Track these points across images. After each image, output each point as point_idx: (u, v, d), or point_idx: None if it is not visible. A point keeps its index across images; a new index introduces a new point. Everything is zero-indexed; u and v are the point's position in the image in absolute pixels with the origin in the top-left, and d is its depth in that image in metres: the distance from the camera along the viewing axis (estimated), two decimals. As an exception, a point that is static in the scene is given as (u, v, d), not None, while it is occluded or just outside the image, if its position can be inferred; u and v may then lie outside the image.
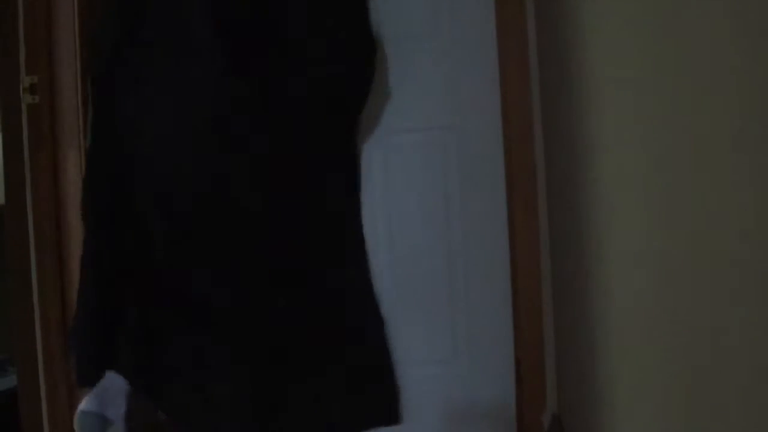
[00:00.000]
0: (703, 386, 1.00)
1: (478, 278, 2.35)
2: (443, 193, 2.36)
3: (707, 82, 0.94)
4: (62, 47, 2.00)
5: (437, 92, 2.35)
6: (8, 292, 1.97)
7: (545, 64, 2.18)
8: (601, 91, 1.48)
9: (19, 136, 1.94)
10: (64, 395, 2.00)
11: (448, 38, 2.35)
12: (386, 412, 1.54)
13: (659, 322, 1.17)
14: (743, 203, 0.85)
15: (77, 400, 2.02)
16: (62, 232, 2.01)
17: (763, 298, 0.81)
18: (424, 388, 2.36)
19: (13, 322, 1.97)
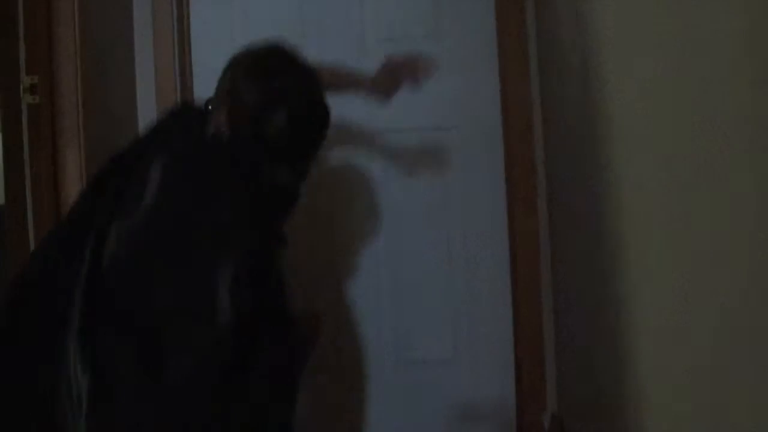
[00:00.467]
0: (703, 385, 1.00)
1: (478, 278, 2.35)
2: (443, 192, 2.36)
3: (710, 79, 0.94)
4: (62, 47, 1.99)
5: (437, 92, 2.35)
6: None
7: (545, 64, 2.18)
8: (601, 90, 1.48)
9: (19, 136, 1.93)
10: (64, 395, 2.00)
11: (448, 38, 2.35)
12: None
13: (659, 321, 1.17)
14: (743, 204, 0.85)
15: (77, 400, 2.02)
16: (62, 232, 2.00)
17: (763, 297, 0.81)
18: (424, 388, 2.36)
19: (13, 322, 1.96)
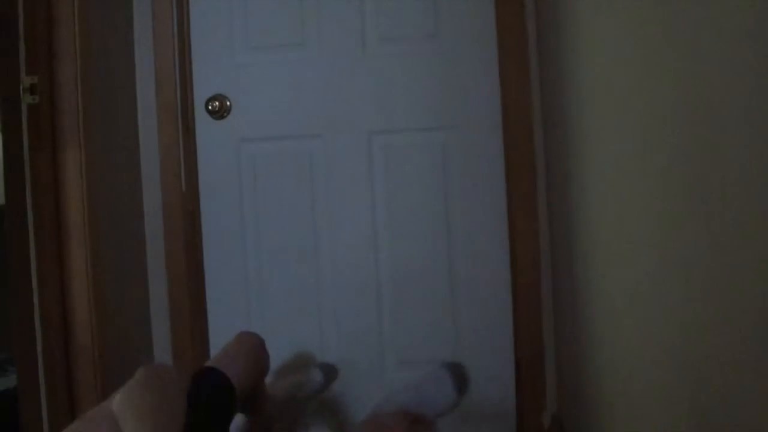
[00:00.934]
0: (702, 384, 1.00)
1: (478, 278, 2.35)
2: (443, 193, 2.36)
3: (710, 80, 0.94)
4: (62, 47, 2.00)
5: (437, 92, 2.35)
6: (8, 292, 1.97)
7: (545, 64, 2.18)
8: (601, 90, 1.48)
9: (18, 136, 1.94)
10: (64, 395, 2.00)
11: (448, 38, 2.35)
12: None
13: (659, 321, 1.17)
14: (745, 204, 0.85)
15: (77, 400, 2.02)
16: (62, 232, 2.01)
17: (760, 297, 0.81)
18: (424, 388, 2.37)
19: (13, 322, 1.97)
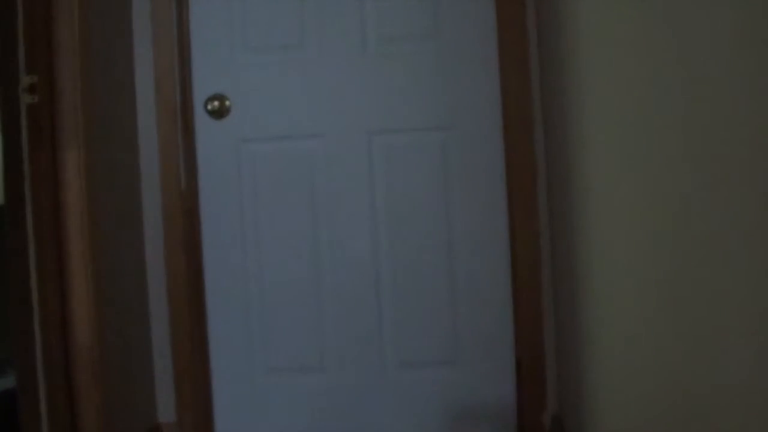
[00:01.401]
0: (701, 384, 1.00)
1: (478, 278, 2.35)
2: (443, 193, 2.36)
3: (709, 81, 0.94)
4: (62, 47, 1.99)
5: (437, 92, 2.35)
6: (8, 292, 1.97)
7: (545, 63, 2.18)
8: (602, 90, 1.48)
9: (18, 136, 1.93)
10: (63, 395, 2.00)
11: (448, 38, 2.35)
12: None
13: (658, 321, 1.16)
14: (743, 207, 0.85)
15: (77, 400, 2.02)
16: (62, 232, 2.00)
17: (756, 297, 0.81)
18: (424, 389, 2.36)
19: (12, 322, 1.96)
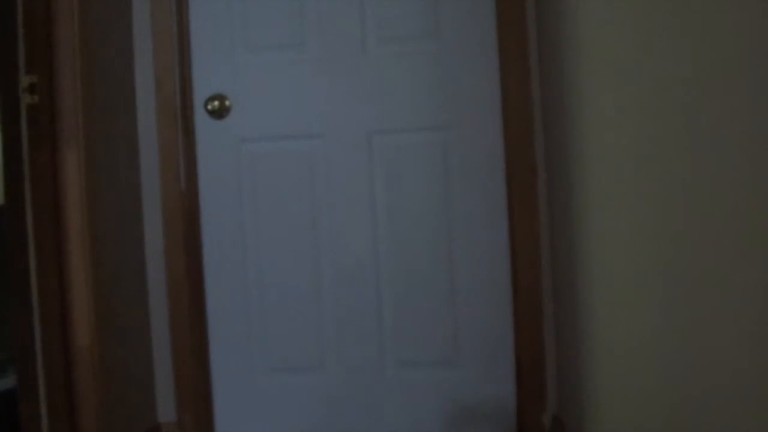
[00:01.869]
0: (701, 384, 1.00)
1: (478, 278, 2.35)
2: (443, 192, 2.36)
3: (710, 80, 0.94)
4: (62, 47, 1.99)
5: (437, 92, 2.35)
6: (8, 292, 1.97)
7: (545, 63, 2.18)
8: (602, 90, 1.48)
9: (18, 136, 1.93)
10: (63, 395, 2.00)
11: (448, 38, 2.35)
12: None
13: (658, 321, 1.17)
14: (744, 208, 0.85)
15: (77, 400, 2.02)
16: (62, 232, 2.00)
17: (753, 298, 0.81)
18: (424, 389, 2.36)
19: (12, 322, 1.96)
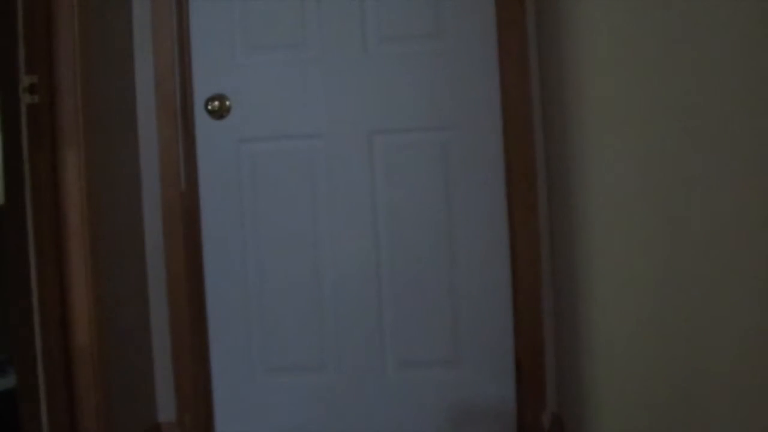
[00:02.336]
0: (701, 384, 1.00)
1: (478, 278, 2.35)
2: (443, 192, 2.36)
3: (713, 81, 0.94)
4: (62, 47, 1.99)
5: (437, 92, 2.35)
6: (8, 292, 1.97)
7: (545, 64, 2.18)
8: (602, 89, 1.48)
9: (18, 136, 1.93)
10: (63, 395, 2.00)
11: (448, 38, 2.35)
12: None
13: (658, 321, 1.17)
14: (745, 208, 0.85)
15: (77, 400, 2.02)
16: (62, 232, 2.01)
17: (753, 298, 0.81)
18: (424, 389, 2.37)
19: (12, 322, 1.97)
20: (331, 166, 2.39)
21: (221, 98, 2.39)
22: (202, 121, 2.41)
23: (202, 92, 2.41)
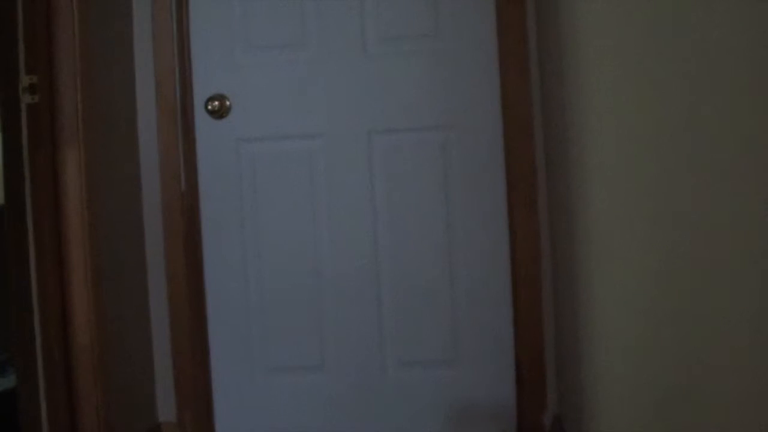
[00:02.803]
0: (702, 383, 1.00)
1: (478, 278, 2.35)
2: (443, 192, 2.36)
3: (711, 80, 0.94)
4: (62, 47, 1.99)
5: (437, 92, 2.35)
6: (8, 292, 1.97)
7: (545, 64, 2.18)
8: (602, 89, 1.48)
9: (18, 135, 1.93)
10: (63, 395, 2.00)
11: (448, 38, 2.35)
12: None
13: (659, 321, 1.17)
14: (743, 207, 0.85)
15: (77, 400, 2.02)
16: (62, 232, 2.01)
17: (753, 297, 0.81)
18: (424, 388, 2.36)
19: (12, 322, 1.96)
20: (330, 165, 2.39)
21: (221, 98, 2.39)
22: (202, 121, 2.41)
23: (202, 92, 2.41)
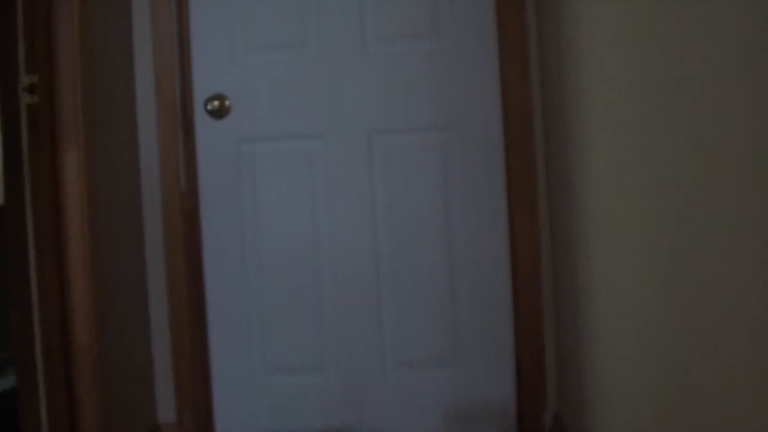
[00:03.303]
0: (703, 383, 1.00)
1: (478, 278, 2.35)
2: (443, 192, 2.36)
3: (714, 80, 0.94)
4: (62, 47, 1.99)
5: (437, 92, 2.35)
6: (8, 292, 1.97)
7: (545, 63, 2.18)
8: (602, 89, 1.48)
9: (18, 136, 1.93)
10: (63, 395, 2.00)
11: (448, 38, 2.35)
12: None
13: (659, 321, 1.17)
14: (745, 208, 0.85)
15: (77, 400, 2.02)
16: (62, 232, 2.01)
17: (753, 297, 0.81)
18: (425, 389, 2.37)
19: (12, 322, 1.97)
20: (330, 165, 2.39)
21: (221, 98, 2.39)
22: (202, 121, 2.41)
23: (202, 92, 2.41)
